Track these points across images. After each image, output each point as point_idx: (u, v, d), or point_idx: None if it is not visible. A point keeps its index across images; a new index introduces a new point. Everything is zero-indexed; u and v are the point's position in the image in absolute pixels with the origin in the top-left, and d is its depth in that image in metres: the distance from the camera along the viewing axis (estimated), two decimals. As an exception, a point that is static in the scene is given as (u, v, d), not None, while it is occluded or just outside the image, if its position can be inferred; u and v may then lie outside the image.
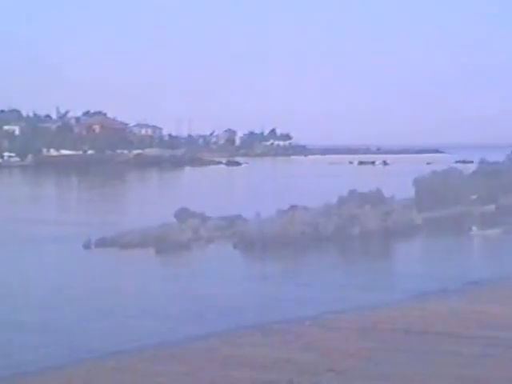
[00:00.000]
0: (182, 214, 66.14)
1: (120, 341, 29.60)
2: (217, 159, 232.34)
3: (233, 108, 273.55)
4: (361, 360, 19.87)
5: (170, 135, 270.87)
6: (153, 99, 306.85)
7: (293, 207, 67.84)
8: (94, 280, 46.88)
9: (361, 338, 23.54)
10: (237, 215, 67.75)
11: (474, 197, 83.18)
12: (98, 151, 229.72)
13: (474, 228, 66.96)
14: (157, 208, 72.63)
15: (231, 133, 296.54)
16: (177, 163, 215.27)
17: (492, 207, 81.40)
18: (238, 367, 20.25)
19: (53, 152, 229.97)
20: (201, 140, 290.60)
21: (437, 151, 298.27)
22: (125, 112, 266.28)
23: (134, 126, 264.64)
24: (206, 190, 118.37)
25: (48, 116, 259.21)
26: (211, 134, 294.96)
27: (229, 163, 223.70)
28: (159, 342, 28.41)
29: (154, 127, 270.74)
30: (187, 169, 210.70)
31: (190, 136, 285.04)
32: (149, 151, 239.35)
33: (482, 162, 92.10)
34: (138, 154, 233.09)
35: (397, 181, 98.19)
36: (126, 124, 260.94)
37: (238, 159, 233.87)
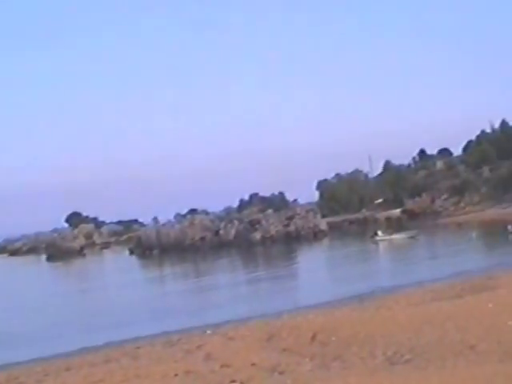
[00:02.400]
0: (74, 219, 65.86)
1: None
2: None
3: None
4: (265, 370, 20.25)
5: None
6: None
7: (192, 211, 68.27)
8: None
9: (264, 346, 23.99)
10: (133, 219, 67.98)
11: (380, 201, 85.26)
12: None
13: (379, 233, 68.83)
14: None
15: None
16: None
17: (397, 211, 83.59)
18: (137, 379, 20.46)
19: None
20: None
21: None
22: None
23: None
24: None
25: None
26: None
27: None
28: (53, 355, 28.52)
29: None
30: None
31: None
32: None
33: (387, 165, 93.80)
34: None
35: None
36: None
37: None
